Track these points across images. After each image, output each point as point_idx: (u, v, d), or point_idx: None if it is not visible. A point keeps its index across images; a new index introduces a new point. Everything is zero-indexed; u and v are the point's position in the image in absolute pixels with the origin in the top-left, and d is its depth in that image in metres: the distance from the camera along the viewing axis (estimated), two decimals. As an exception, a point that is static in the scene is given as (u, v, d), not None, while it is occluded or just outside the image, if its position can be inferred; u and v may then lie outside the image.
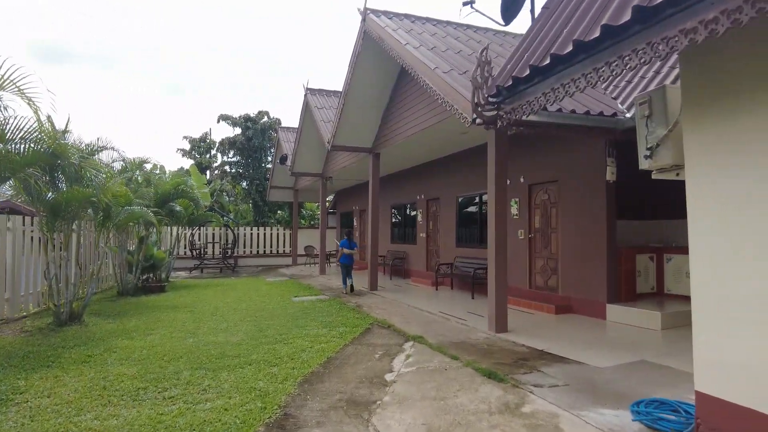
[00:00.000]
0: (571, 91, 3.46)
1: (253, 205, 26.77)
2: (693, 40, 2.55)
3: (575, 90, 3.44)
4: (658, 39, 2.75)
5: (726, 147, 3.31)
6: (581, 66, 3.34)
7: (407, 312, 9.23)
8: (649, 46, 2.81)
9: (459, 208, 12.70)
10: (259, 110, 27.49)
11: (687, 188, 3.58)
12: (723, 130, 3.33)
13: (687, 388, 4.63)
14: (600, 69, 3.19)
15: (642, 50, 2.86)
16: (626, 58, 2.97)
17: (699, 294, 3.52)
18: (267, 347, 6.54)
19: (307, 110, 15.50)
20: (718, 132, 3.35)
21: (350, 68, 10.76)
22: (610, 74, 3.11)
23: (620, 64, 3.02)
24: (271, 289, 13.36)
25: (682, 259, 8.61)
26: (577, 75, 3.38)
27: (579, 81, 3.37)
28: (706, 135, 3.43)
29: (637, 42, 2.89)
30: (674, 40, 2.65)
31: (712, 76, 3.38)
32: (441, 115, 8.84)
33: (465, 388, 4.82)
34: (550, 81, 3.66)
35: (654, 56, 2.78)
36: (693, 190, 3.54)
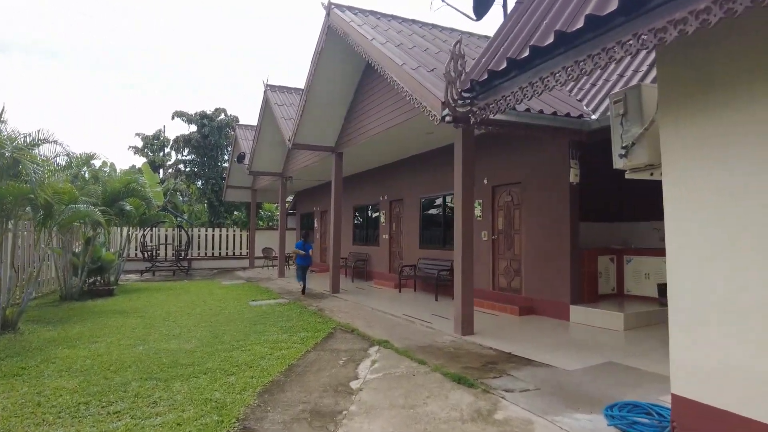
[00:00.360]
0: (551, 86, 3.33)
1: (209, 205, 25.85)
2: (683, 31, 2.45)
3: (555, 84, 3.31)
4: (645, 30, 2.64)
5: (703, 145, 3.26)
6: (562, 59, 3.21)
7: (371, 315, 9.00)
8: (635, 38, 2.70)
9: (423, 210, 12.58)
10: (216, 107, 26.61)
11: (664, 187, 3.52)
12: (701, 128, 3.28)
13: (656, 390, 4.62)
14: (582, 62, 3.07)
15: (628, 42, 2.75)
16: (611, 50, 2.85)
17: (675, 296, 3.46)
18: (223, 354, 6.16)
19: (266, 107, 15.04)
20: (696, 130, 3.30)
21: (313, 64, 10.44)
22: (593, 67, 2.99)
23: (604, 56, 2.90)
24: (227, 292, 12.83)
25: (641, 260, 8.79)
26: (558, 68, 3.25)
27: (559, 75, 3.24)
28: (683, 133, 3.37)
29: (623, 34, 2.77)
30: (663, 32, 2.53)
31: (690, 72, 3.32)
32: (407, 114, 8.67)
33: (435, 395, 4.63)
34: (527, 75, 3.52)
35: (641, 48, 2.67)
36: (670, 189, 3.48)
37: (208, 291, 13.17)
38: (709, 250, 3.24)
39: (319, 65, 10.33)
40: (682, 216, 3.41)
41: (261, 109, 15.41)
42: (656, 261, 8.52)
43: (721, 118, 3.18)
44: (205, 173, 25.45)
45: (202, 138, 25.45)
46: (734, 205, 3.10)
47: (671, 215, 3.48)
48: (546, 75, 3.35)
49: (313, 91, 10.85)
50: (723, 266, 3.16)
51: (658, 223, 9.11)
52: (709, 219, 3.24)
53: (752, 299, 2.99)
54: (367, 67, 10.48)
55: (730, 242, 3.12)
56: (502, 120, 6.20)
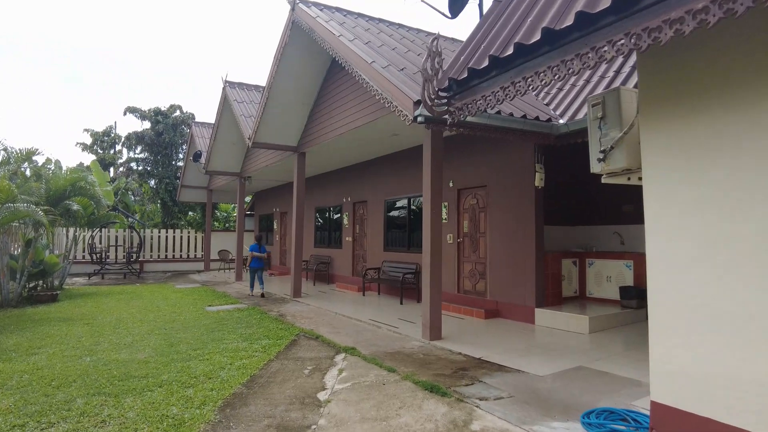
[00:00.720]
0: (536, 86, 3.22)
1: (162, 205, 24.75)
2: (679, 31, 2.36)
3: (539, 85, 3.19)
4: (639, 30, 2.55)
5: (684, 150, 3.23)
6: (547, 57, 3.10)
7: (335, 320, 8.74)
8: (627, 37, 2.60)
9: (387, 212, 12.41)
10: (172, 104, 25.54)
11: (644, 192, 3.47)
12: (682, 133, 3.24)
13: (628, 395, 4.61)
14: (569, 62, 2.96)
15: (619, 42, 2.65)
16: (601, 50, 2.75)
17: (655, 301, 3.41)
18: (180, 365, 5.77)
19: (225, 104, 14.49)
20: (677, 134, 3.26)
21: (275, 60, 10.09)
22: (581, 67, 2.89)
23: (593, 56, 2.80)
24: (182, 297, 12.24)
25: (603, 263, 8.93)
26: (542, 68, 3.14)
27: (544, 74, 3.13)
28: (664, 137, 3.33)
29: (614, 32, 2.68)
30: (657, 31, 2.45)
31: (672, 76, 3.29)
32: (373, 114, 8.48)
33: (407, 405, 4.44)
34: (510, 74, 3.39)
35: (633, 48, 2.58)
36: (650, 193, 3.43)
37: (161, 295, 12.53)
38: (689, 256, 3.20)
39: (282, 61, 9.99)
40: (662, 221, 3.37)
41: (219, 106, 14.85)
42: (617, 264, 8.68)
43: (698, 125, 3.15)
44: (159, 172, 24.36)
45: (156, 135, 24.36)
46: (715, 211, 3.08)
47: (651, 220, 3.43)
48: (530, 74, 3.23)
49: (275, 88, 10.49)
50: (704, 272, 3.12)
51: (619, 227, 9.37)
52: (689, 224, 3.20)
53: (734, 305, 2.97)
54: (332, 65, 10.23)
55: (711, 248, 3.09)
56: (473, 122, 6.11)
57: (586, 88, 7.41)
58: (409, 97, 5.84)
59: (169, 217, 24.66)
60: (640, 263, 8.30)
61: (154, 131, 24.39)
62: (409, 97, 5.84)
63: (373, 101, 8.39)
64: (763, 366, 2.84)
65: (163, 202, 24.54)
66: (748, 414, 2.90)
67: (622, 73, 6.97)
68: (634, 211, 9.20)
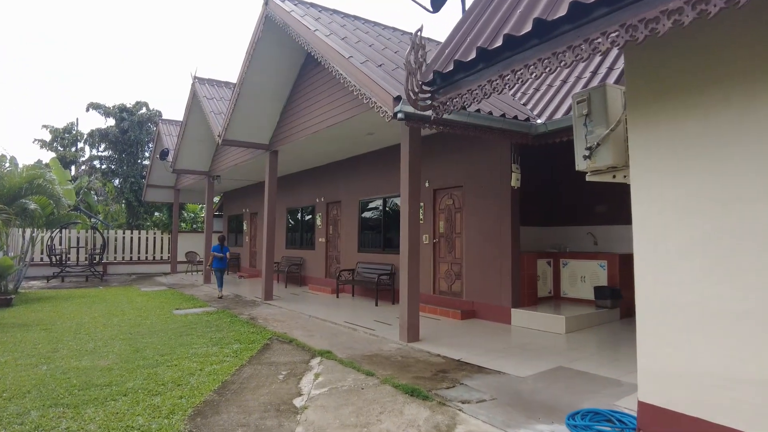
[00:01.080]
0: (525, 79, 3.12)
1: (127, 205, 23.90)
2: (678, 21, 2.29)
3: (529, 78, 3.10)
4: (635, 21, 2.47)
5: (674, 147, 3.19)
6: (538, 50, 3.00)
7: (309, 323, 8.51)
8: (623, 29, 2.52)
9: (362, 212, 12.24)
10: (138, 100, 24.74)
11: (632, 190, 3.42)
12: (671, 130, 3.20)
13: (610, 394, 4.57)
14: (561, 54, 2.87)
15: (614, 33, 2.57)
16: (595, 41, 2.67)
17: (643, 301, 3.36)
18: (146, 371, 5.46)
19: (194, 101, 14.05)
20: (666, 131, 3.22)
21: (248, 55, 9.80)
22: (573, 59, 2.80)
23: (586, 48, 2.71)
24: (148, 300, 11.76)
25: (577, 264, 8.99)
26: (533, 60, 3.04)
27: (534, 67, 3.03)
28: (652, 134, 3.29)
29: (609, 24, 2.60)
30: (654, 22, 2.37)
31: (660, 72, 3.24)
32: (349, 112, 8.31)
33: (388, 410, 4.29)
34: (498, 67, 3.29)
35: (629, 40, 2.50)
36: (638, 192, 3.38)
37: (126, 299, 12.02)
38: (678, 254, 3.16)
39: (254, 57, 9.71)
40: (650, 219, 3.32)
41: (188, 102, 14.39)
42: (591, 264, 8.75)
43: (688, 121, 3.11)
44: (124, 171, 23.51)
45: (121, 133, 23.51)
46: (705, 209, 3.04)
47: (639, 218, 3.39)
48: (519, 67, 3.13)
49: (247, 83, 10.19)
50: (693, 270, 3.08)
51: (592, 227, 9.45)
52: (678, 222, 3.16)
53: (724, 303, 2.93)
54: (306, 62, 10.01)
55: (701, 246, 3.05)
56: (453, 120, 6.01)
57: (563, 88, 7.43)
58: (388, 92, 5.70)
59: (135, 218, 23.84)
60: (614, 263, 8.39)
61: (119, 128, 23.54)
62: (388, 92, 5.70)
63: (349, 99, 8.22)
64: (754, 365, 2.80)
65: (128, 202, 23.72)
66: (739, 413, 2.87)
67: (598, 74, 7.01)
68: (607, 212, 9.31)
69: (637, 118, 3.37)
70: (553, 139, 6.99)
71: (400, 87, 5.91)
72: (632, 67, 3.36)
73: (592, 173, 3.99)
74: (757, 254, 2.80)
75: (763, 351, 2.78)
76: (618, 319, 8.32)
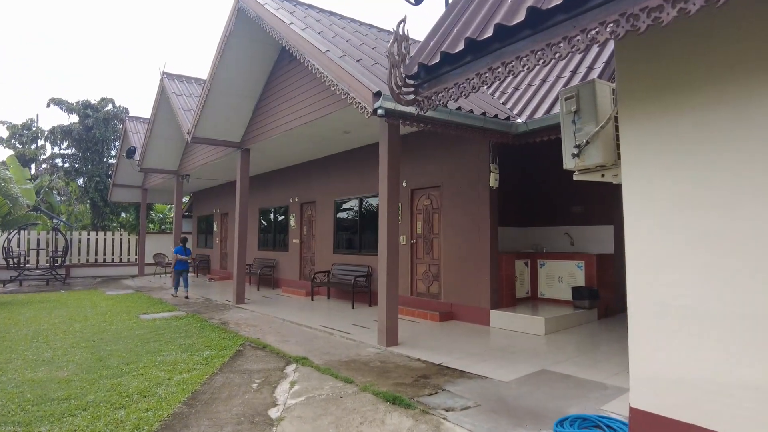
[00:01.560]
0: (516, 71, 2.96)
1: (92, 205, 22.96)
2: (683, 10, 2.16)
3: (521, 70, 2.94)
4: (637, 9, 2.33)
5: (667, 144, 3.09)
6: (531, 41, 2.85)
7: (283, 328, 8.23)
8: (623, 18, 2.38)
9: (337, 213, 11.99)
10: (103, 97, 23.76)
11: (624, 188, 3.31)
12: (664, 127, 3.10)
13: (596, 398, 4.47)
14: (555, 45, 2.72)
15: (614, 22, 2.43)
16: (592, 32, 2.53)
17: (635, 303, 3.25)
18: (109, 382, 5.12)
19: (162, 97, 13.54)
20: (659, 128, 3.12)
21: (219, 50, 9.44)
22: (569, 50, 2.66)
23: (583, 39, 2.57)
24: (114, 304, 11.25)
25: (555, 264, 8.96)
26: (525, 52, 2.89)
27: (527, 59, 2.88)
28: (645, 131, 3.18)
29: (608, 13, 2.46)
30: (658, 11, 2.24)
31: (653, 67, 3.14)
32: (325, 109, 8.07)
33: (369, 420, 4.08)
34: (487, 59, 3.12)
35: (631, 29, 2.36)
36: (630, 190, 3.27)
37: (90, 303, 11.47)
38: (672, 255, 3.06)
39: (226, 52, 9.36)
40: (642, 218, 3.21)
41: (156, 99, 13.87)
42: (569, 265, 8.73)
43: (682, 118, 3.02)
44: (89, 170, 22.57)
45: (85, 130, 22.56)
46: (700, 208, 2.94)
47: (631, 218, 3.27)
48: (510, 59, 2.98)
49: (218, 79, 9.83)
50: (688, 272, 2.98)
51: (569, 228, 9.45)
52: (672, 222, 3.06)
53: (721, 306, 2.84)
54: (279, 57, 9.72)
55: (696, 246, 2.96)
56: (434, 117, 5.85)
57: (543, 87, 7.36)
58: (368, 88, 5.49)
59: (100, 219, 22.94)
60: (591, 264, 8.39)
61: (83, 125, 22.60)
62: (368, 88, 5.49)
63: (324, 96, 7.98)
64: (751, 369, 2.71)
65: (93, 202, 22.79)
66: (734, 419, 2.77)
67: (578, 73, 6.97)
68: (584, 213, 9.32)
69: (628, 115, 3.26)
70: (533, 138, 6.91)
71: (380, 83, 5.71)
72: (624, 61, 3.25)
73: (580, 172, 3.88)
74: (754, 255, 2.71)
75: (758, 355, 2.69)
76: (596, 320, 8.31)
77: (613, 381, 4.96)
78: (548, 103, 6.89)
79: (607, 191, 8.86)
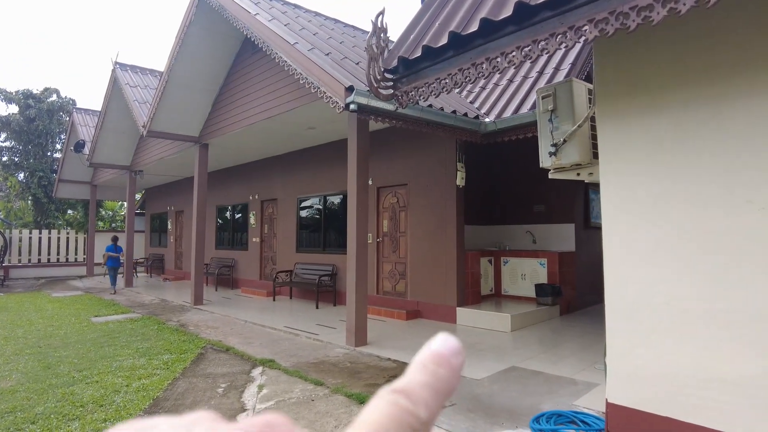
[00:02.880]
0: (501, 67, 2.92)
1: (35, 202, 21.62)
2: (673, 10, 2.17)
3: (505, 66, 2.91)
4: (626, 8, 2.33)
5: (646, 142, 3.13)
6: (517, 36, 2.81)
7: (246, 329, 7.97)
8: (613, 16, 2.38)
9: (300, 211, 11.75)
10: (46, 87, 22.39)
11: (602, 186, 3.34)
12: (642, 125, 3.14)
13: (568, 394, 4.52)
14: (543, 41, 2.70)
15: (603, 20, 2.42)
16: (581, 29, 2.51)
17: (613, 300, 3.28)
18: (60, 391, 4.78)
19: (115, 88, 12.87)
20: (638, 127, 3.16)
21: (178, 40, 9.03)
22: (556, 47, 2.64)
23: (572, 36, 2.56)
24: (61, 307, 10.60)
25: (518, 262, 9.10)
26: (511, 48, 2.85)
27: (512, 55, 2.84)
28: (623, 130, 3.22)
29: (598, 10, 2.45)
30: (648, 10, 2.24)
31: (631, 67, 3.18)
32: (289, 104, 7.86)
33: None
34: (470, 54, 3.07)
35: (621, 28, 2.36)
36: (609, 188, 3.30)
37: (34, 306, 10.76)
38: (652, 252, 3.10)
39: (185, 42, 8.97)
40: (621, 215, 3.25)
41: (107, 90, 13.16)
42: (531, 262, 8.89)
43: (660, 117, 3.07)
44: (31, 164, 21.23)
45: (27, 122, 21.20)
46: (680, 205, 3.00)
47: (610, 214, 3.30)
48: (495, 55, 2.93)
49: (176, 71, 9.41)
50: (668, 268, 3.03)
51: (531, 226, 9.61)
52: (652, 219, 3.11)
53: (700, 302, 2.90)
54: (242, 49, 9.41)
55: (675, 243, 3.01)
56: (406, 114, 5.78)
57: (510, 87, 7.44)
58: (340, 82, 5.34)
59: (44, 216, 21.64)
60: (554, 261, 8.56)
61: (24, 117, 21.23)
62: (340, 82, 5.34)
63: (289, 90, 7.77)
64: (726, 364, 2.78)
65: (36, 199, 21.47)
66: (711, 411, 2.84)
67: (545, 74, 7.08)
68: (545, 211, 9.51)
69: (606, 114, 3.29)
70: (501, 137, 6.97)
71: (351, 77, 5.59)
72: (603, 59, 3.27)
73: (556, 170, 3.90)
74: (729, 253, 2.78)
75: (734, 350, 2.76)
76: (558, 316, 8.49)
77: (581, 376, 5.04)
78: (516, 103, 6.96)
79: (568, 191, 9.09)
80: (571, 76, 6.45)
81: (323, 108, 7.63)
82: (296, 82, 7.48)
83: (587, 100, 3.77)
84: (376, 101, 5.28)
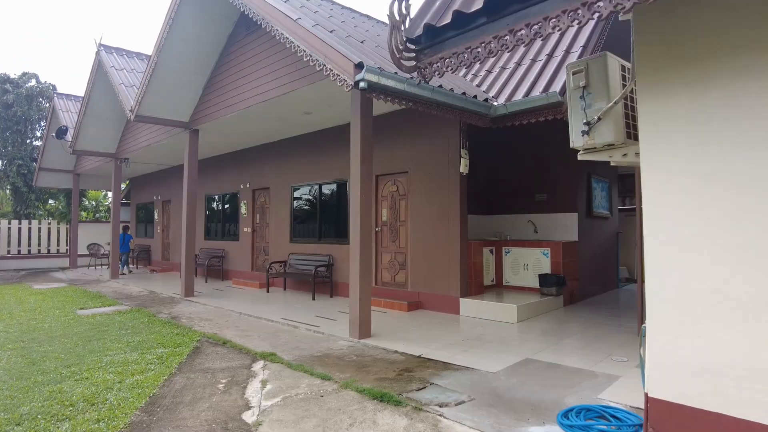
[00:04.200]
0: (544, 33, 2.66)
1: (14, 191, 20.87)
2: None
3: (550, 31, 2.64)
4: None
5: (692, 120, 2.89)
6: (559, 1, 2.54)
7: (241, 321, 7.66)
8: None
9: (294, 200, 11.41)
10: (25, 71, 21.58)
11: (642, 168, 3.10)
12: (688, 101, 2.90)
13: (590, 387, 4.32)
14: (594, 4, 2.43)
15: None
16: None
17: (655, 289, 3.06)
18: (47, 389, 4.45)
19: (99, 72, 12.33)
20: (683, 102, 2.92)
21: (168, 20, 8.60)
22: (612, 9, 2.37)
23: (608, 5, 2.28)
24: (44, 299, 10.16)
25: (520, 252, 8.91)
26: (556, 12, 2.58)
27: (557, 20, 2.57)
28: (666, 106, 2.98)
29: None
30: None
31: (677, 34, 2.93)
32: (285, 87, 7.51)
33: (359, 421, 3.71)
34: (507, 20, 2.80)
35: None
36: (650, 169, 3.06)
37: (15, 299, 10.30)
38: (699, 237, 2.88)
39: (175, 21, 8.54)
40: (664, 198, 3.02)
41: (91, 74, 12.62)
42: (534, 252, 8.70)
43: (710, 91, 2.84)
44: (9, 152, 20.47)
45: (4, 108, 20.41)
46: (729, 187, 2.77)
47: (651, 198, 3.07)
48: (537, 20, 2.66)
49: (166, 52, 8.97)
50: (716, 254, 2.81)
51: (532, 215, 9.42)
52: (698, 202, 2.88)
53: (751, 289, 2.68)
54: (234, 30, 9.00)
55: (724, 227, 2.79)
56: (416, 95, 5.49)
57: (519, 70, 7.18)
58: (349, 59, 5.03)
59: (24, 206, 20.93)
60: (557, 251, 8.38)
61: (1, 102, 20.45)
62: (349, 59, 5.03)
63: (287, 72, 7.43)
64: (785, 356, 2.58)
65: (15, 188, 20.74)
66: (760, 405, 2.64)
67: (555, 57, 6.83)
68: (547, 200, 9.32)
69: (648, 89, 3.05)
70: (512, 121, 6.72)
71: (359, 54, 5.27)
72: (644, 27, 3.02)
73: (586, 151, 3.66)
74: (790, 236, 2.56)
75: (792, 340, 2.56)
76: (562, 307, 8.33)
77: (600, 368, 4.86)
78: (526, 86, 6.70)
79: (570, 180, 8.91)
80: (584, 57, 6.21)
81: (321, 91, 7.30)
82: (294, 64, 7.14)
83: (620, 77, 3.53)
84: (386, 79, 4.98)
